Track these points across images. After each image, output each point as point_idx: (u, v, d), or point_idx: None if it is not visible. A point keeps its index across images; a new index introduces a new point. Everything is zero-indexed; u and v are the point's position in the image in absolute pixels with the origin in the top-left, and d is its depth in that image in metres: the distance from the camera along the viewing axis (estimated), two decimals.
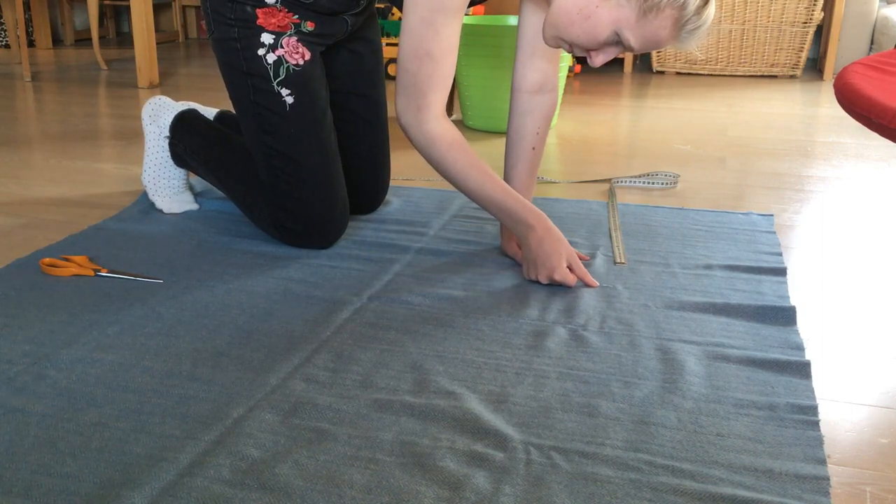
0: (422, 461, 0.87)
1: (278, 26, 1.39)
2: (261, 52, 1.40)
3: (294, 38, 1.40)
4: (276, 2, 1.38)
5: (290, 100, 1.41)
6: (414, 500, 0.81)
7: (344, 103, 1.58)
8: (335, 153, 1.48)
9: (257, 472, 0.85)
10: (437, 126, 1.31)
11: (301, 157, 1.42)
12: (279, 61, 1.40)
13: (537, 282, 1.33)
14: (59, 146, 2.28)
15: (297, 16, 1.40)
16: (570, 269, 1.33)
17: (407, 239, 1.54)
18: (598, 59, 1.24)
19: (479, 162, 1.33)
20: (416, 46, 1.27)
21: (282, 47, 1.40)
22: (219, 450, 0.88)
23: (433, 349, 1.12)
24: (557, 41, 1.24)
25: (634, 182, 1.94)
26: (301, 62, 1.41)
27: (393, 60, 3.52)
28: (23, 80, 3.44)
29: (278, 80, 1.40)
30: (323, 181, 1.44)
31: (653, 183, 1.94)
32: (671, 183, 1.94)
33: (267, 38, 1.39)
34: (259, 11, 1.38)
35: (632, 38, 1.18)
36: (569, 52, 1.26)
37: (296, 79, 1.41)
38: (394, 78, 3.52)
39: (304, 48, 1.41)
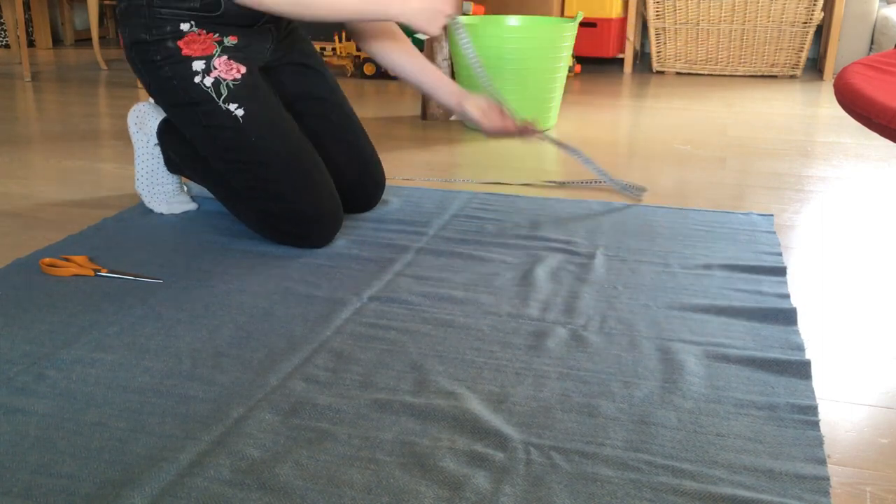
0: (422, 461, 0.87)
1: (203, 51, 1.42)
2: (197, 79, 1.42)
3: (224, 57, 1.43)
4: (191, 27, 1.40)
5: (240, 112, 1.43)
6: (414, 500, 0.81)
7: (307, 110, 1.60)
8: (303, 148, 1.48)
9: (257, 472, 0.85)
10: None
11: (268, 159, 1.43)
12: (217, 81, 1.42)
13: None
14: (59, 146, 2.28)
15: (216, 34, 1.42)
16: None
17: (407, 239, 1.54)
18: None
19: None
20: None
21: (215, 68, 1.42)
22: (219, 450, 0.88)
23: (433, 349, 1.12)
24: None
25: (601, 180, 1.84)
26: (238, 76, 1.44)
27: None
28: (23, 80, 3.44)
29: (222, 97, 1.42)
30: (298, 175, 1.44)
31: (621, 188, 1.83)
32: (636, 194, 1.83)
33: (198, 65, 1.42)
34: (180, 43, 1.41)
35: None
36: None
37: (238, 92, 1.43)
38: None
39: (237, 63, 1.44)
